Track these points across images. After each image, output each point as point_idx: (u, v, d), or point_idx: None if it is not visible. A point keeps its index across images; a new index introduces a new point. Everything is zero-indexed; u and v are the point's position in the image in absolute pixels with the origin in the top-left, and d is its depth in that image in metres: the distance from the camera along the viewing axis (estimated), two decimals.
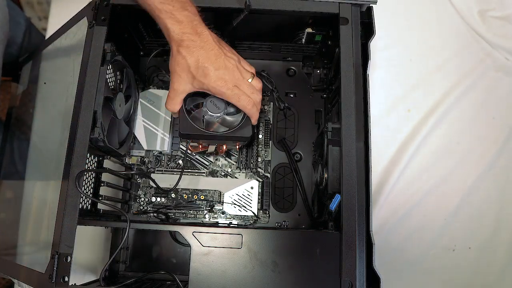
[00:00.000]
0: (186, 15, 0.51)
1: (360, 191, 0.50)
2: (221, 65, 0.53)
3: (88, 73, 0.54)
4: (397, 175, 0.75)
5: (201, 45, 0.52)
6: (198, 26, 0.52)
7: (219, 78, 0.52)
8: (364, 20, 0.57)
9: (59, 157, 0.54)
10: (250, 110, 0.56)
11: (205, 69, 0.52)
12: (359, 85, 0.53)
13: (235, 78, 0.54)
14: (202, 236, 0.50)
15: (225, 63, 0.53)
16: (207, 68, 0.52)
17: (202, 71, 0.52)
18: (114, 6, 0.57)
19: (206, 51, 0.52)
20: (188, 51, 0.52)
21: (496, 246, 0.74)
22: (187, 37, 0.51)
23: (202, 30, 0.52)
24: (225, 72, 0.53)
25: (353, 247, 0.47)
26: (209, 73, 0.52)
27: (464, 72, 0.81)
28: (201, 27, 0.52)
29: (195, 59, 0.52)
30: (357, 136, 0.51)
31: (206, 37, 0.52)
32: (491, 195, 0.76)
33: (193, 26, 0.51)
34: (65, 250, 0.48)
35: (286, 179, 0.69)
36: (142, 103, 0.69)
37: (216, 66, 0.52)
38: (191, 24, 0.51)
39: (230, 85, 0.53)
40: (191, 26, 0.51)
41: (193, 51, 0.52)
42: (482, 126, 0.79)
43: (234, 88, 0.54)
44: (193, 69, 0.53)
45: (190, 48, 0.52)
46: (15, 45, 0.76)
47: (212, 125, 0.61)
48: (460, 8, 0.84)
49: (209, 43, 0.52)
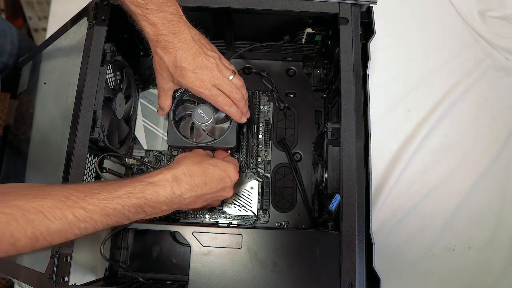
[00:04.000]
0: (161, 17, 0.50)
1: (360, 191, 0.50)
2: (199, 65, 0.52)
3: (88, 73, 0.54)
4: (397, 175, 0.75)
5: (178, 46, 0.51)
6: (176, 26, 0.51)
7: (197, 78, 0.52)
8: (364, 20, 0.57)
9: (59, 157, 0.54)
10: (228, 110, 0.56)
11: (182, 69, 0.52)
12: (359, 85, 0.53)
13: (214, 77, 0.53)
14: (202, 236, 0.50)
15: (203, 62, 0.53)
16: (185, 68, 0.52)
17: (180, 71, 0.52)
18: (114, 6, 0.57)
19: (183, 51, 0.51)
20: (165, 51, 0.52)
21: (496, 246, 0.74)
22: (163, 38, 0.51)
23: (180, 29, 0.51)
24: (203, 72, 0.53)
25: (353, 247, 0.47)
26: (187, 73, 0.52)
27: (464, 72, 0.81)
28: (179, 27, 0.51)
29: (173, 59, 0.52)
30: (357, 136, 0.51)
31: (184, 36, 0.51)
32: (491, 195, 0.76)
33: (170, 27, 0.50)
34: (65, 250, 0.48)
35: (286, 179, 0.69)
36: (142, 103, 0.69)
37: (194, 66, 0.52)
38: (168, 25, 0.50)
39: (208, 85, 0.53)
40: (167, 27, 0.50)
41: (170, 51, 0.52)
42: (482, 126, 0.79)
43: (212, 88, 0.54)
44: (172, 69, 0.53)
45: (166, 48, 0.51)
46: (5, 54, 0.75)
47: (202, 133, 0.62)
48: (460, 8, 0.84)
49: (187, 42, 0.52)
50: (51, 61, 0.67)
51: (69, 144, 0.52)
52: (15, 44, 0.77)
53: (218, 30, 0.65)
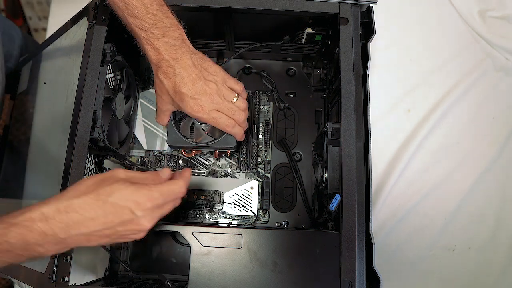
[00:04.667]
0: (164, 41, 0.50)
1: (360, 191, 0.50)
2: (198, 91, 0.53)
3: (88, 73, 0.54)
4: (397, 175, 0.75)
5: (178, 71, 0.52)
6: (178, 51, 0.51)
7: (196, 104, 0.53)
8: (364, 20, 0.57)
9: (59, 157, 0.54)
10: (231, 130, 0.57)
11: (181, 94, 0.53)
12: (359, 85, 0.53)
13: (214, 102, 0.54)
14: (202, 236, 0.50)
15: (203, 88, 0.53)
16: (184, 94, 0.52)
17: (179, 96, 0.53)
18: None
19: (182, 77, 0.52)
20: (165, 76, 0.52)
21: (496, 246, 0.74)
22: (164, 63, 0.51)
23: (182, 54, 0.52)
24: (202, 97, 0.53)
25: (353, 247, 0.47)
26: (186, 99, 0.53)
27: (464, 72, 0.81)
28: (180, 51, 0.51)
29: (172, 84, 0.53)
30: (357, 136, 0.51)
31: (185, 62, 0.52)
32: (491, 195, 0.76)
33: (171, 52, 0.51)
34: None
35: (286, 179, 0.69)
36: (142, 103, 0.69)
37: (193, 92, 0.52)
38: (169, 50, 0.51)
39: (207, 110, 0.54)
40: (169, 52, 0.51)
41: (170, 77, 0.52)
42: (482, 126, 0.79)
43: (211, 112, 0.54)
44: (171, 93, 0.54)
45: (167, 74, 0.52)
46: (12, 59, 0.75)
47: (202, 133, 0.62)
48: (460, 8, 0.84)
49: (187, 68, 0.52)
50: (51, 61, 0.67)
51: (69, 144, 0.52)
52: (23, 50, 0.77)
53: (218, 30, 0.65)
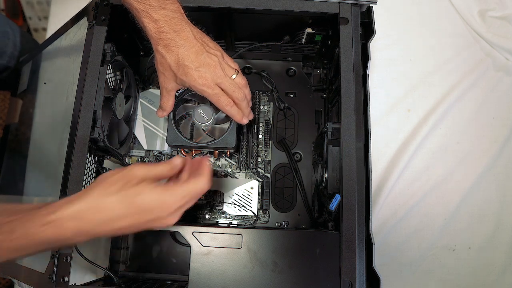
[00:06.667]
0: (163, 14, 0.49)
1: (360, 191, 0.50)
2: (202, 63, 0.52)
3: (88, 73, 0.54)
4: (397, 175, 0.75)
5: (180, 43, 0.51)
6: (178, 24, 0.50)
7: (200, 76, 0.52)
8: (364, 20, 0.57)
9: (59, 157, 0.54)
10: (229, 110, 0.55)
11: (185, 67, 0.51)
12: (359, 85, 0.53)
13: (217, 75, 0.53)
14: (202, 236, 0.50)
15: (206, 61, 0.52)
16: (188, 67, 0.51)
17: (182, 70, 0.52)
18: (114, 6, 0.57)
19: (186, 48, 0.51)
20: (167, 50, 0.51)
21: (496, 246, 0.74)
22: (165, 35, 0.50)
23: (182, 27, 0.51)
24: (206, 69, 0.52)
25: (353, 247, 0.47)
26: (190, 72, 0.51)
27: (464, 72, 0.81)
28: (180, 24, 0.51)
29: (175, 57, 0.51)
30: (357, 136, 0.51)
31: (186, 34, 0.51)
32: (491, 195, 0.76)
33: (171, 24, 0.50)
34: (65, 250, 0.48)
35: (286, 179, 0.69)
36: (142, 103, 0.69)
37: (197, 64, 0.51)
38: (169, 22, 0.50)
39: (211, 83, 0.53)
40: (169, 24, 0.50)
41: (172, 49, 0.51)
42: (482, 126, 0.79)
43: (215, 87, 0.53)
44: (174, 67, 0.52)
45: (168, 47, 0.51)
46: (5, 56, 0.74)
47: (202, 133, 0.62)
48: (460, 8, 0.84)
49: (189, 40, 0.51)
50: (51, 61, 0.67)
51: (69, 144, 0.52)
52: (17, 46, 0.77)
53: (218, 30, 0.65)
